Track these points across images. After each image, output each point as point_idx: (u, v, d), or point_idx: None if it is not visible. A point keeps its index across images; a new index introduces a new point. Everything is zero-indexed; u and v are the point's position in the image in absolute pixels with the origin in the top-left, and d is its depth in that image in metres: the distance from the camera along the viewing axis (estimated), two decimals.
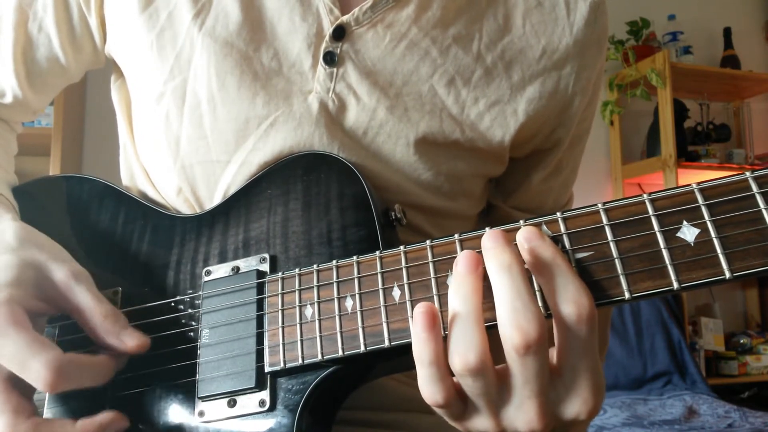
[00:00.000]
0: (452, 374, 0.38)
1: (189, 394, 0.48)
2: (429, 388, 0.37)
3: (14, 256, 0.46)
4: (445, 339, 0.38)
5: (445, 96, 0.57)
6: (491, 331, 0.37)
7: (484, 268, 0.38)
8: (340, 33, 0.56)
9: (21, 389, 0.44)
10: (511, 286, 0.36)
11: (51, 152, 2.14)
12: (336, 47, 0.56)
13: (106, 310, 0.46)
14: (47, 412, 0.50)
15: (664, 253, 0.37)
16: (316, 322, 0.45)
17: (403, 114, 0.56)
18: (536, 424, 0.37)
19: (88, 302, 0.46)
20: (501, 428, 0.38)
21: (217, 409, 0.47)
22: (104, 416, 0.45)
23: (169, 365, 0.50)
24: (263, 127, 0.55)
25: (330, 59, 0.56)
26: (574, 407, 0.37)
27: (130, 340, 0.46)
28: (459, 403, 0.38)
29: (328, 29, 0.56)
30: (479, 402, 0.38)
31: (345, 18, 0.56)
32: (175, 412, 0.49)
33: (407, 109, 0.56)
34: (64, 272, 0.47)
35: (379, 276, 0.43)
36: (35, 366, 0.41)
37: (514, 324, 0.35)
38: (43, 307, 0.47)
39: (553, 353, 0.38)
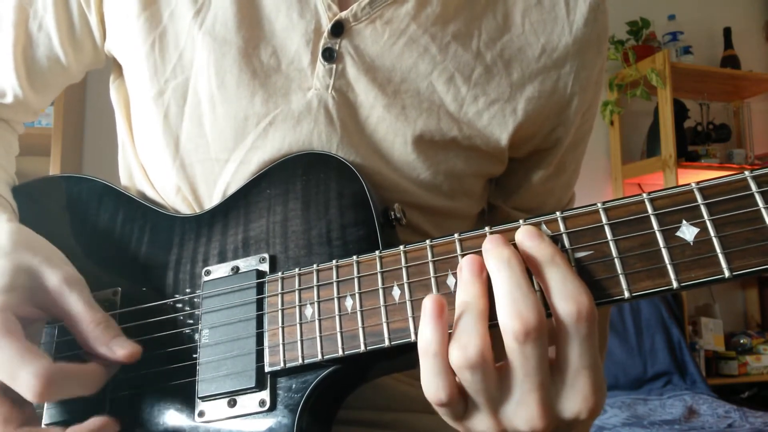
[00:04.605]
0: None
1: (189, 394, 0.48)
2: (432, 383, 0.37)
3: (7, 260, 0.46)
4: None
5: (444, 93, 0.57)
6: (493, 331, 0.37)
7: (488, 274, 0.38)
8: (338, 29, 0.56)
9: (13, 399, 0.44)
10: (510, 277, 0.37)
11: (51, 152, 2.14)
12: (335, 43, 0.56)
13: (98, 318, 0.46)
14: (46, 413, 0.50)
15: (664, 252, 0.37)
16: (316, 321, 0.45)
17: (400, 112, 0.56)
18: (537, 422, 0.37)
19: (80, 309, 0.46)
20: (501, 428, 0.38)
21: (217, 409, 0.47)
22: (93, 422, 0.44)
23: (168, 365, 0.50)
24: (262, 125, 0.55)
25: (329, 56, 0.56)
26: (575, 405, 0.37)
27: (120, 350, 0.45)
28: (461, 401, 0.38)
29: (327, 25, 0.56)
30: (479, 399, 0.38)
31: (343, 14, 0.55)
32: (175, 412, 0.49)
33: (404, 107, 0.56)
34: (58, 278, 0.46)
35: (379, 275, 0.43)
36: (24, 376, 0.41)
37: (513, 312, 0.35)
38: (36, 313, 0.46)
39: (554, 352, 0.37)
